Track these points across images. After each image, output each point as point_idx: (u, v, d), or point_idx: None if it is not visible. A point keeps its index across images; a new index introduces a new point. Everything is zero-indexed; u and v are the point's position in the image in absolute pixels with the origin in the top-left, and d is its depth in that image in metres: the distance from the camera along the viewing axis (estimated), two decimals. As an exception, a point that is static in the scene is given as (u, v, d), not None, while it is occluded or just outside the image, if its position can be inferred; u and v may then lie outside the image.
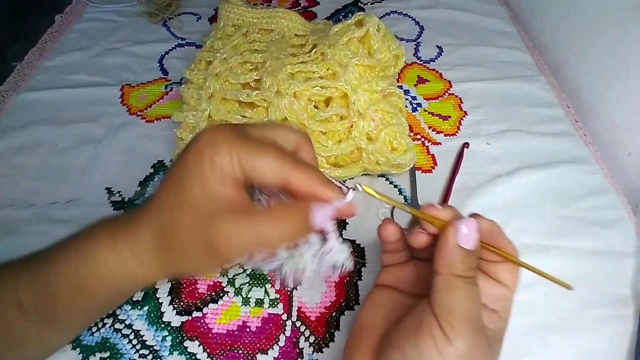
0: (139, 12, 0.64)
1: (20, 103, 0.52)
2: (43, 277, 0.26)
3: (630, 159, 0.46)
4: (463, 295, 0.24)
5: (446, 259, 0.25)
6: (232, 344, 0.34)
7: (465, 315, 0.23)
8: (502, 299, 0.26)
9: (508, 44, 0.59)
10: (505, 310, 0.27)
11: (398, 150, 0.41)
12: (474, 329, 0.23)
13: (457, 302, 0.24)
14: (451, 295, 0.24)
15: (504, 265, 0.26)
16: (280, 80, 0.40)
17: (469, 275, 0.24)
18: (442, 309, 0.24)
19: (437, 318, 0.24)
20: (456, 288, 0.24)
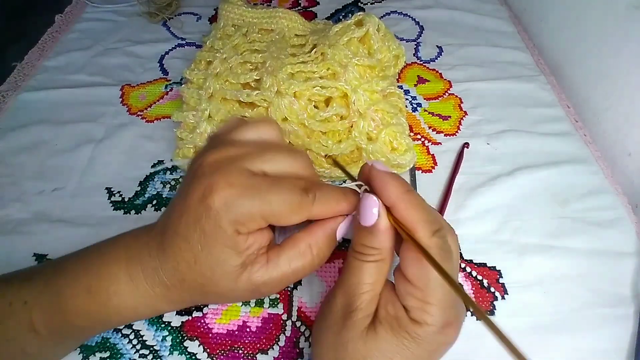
0: (139, 12, 0.64)
1: (20, 103, 0.52)
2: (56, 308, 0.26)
3: (630, 159, 0.46)
4: (346, 267, 0.25)
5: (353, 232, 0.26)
6: (232, 344, 0.34)
7: (342, 284, 0.25)
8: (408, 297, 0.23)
9: (508, 44, 0.59)
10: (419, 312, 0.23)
11: (398, 150, 0.41)
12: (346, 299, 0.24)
13: (346, 274, 0.25)
14: (345, 266, 0.25)
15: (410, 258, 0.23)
16: (280, 80, 0.40)
17: (359, 250, 0.25)
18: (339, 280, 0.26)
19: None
20: (347, 262, 0.25)
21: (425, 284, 0.23)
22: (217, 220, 0.24)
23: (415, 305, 0.23)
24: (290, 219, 0.25)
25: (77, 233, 0.39)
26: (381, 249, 0.24)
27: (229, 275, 0.25)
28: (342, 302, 0.25)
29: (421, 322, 0.23)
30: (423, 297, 0.23)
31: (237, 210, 0.24)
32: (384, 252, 0.25)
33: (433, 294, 0.23)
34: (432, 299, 0.23)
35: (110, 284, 0.26)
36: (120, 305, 0.26)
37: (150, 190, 0.43)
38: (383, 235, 0.24)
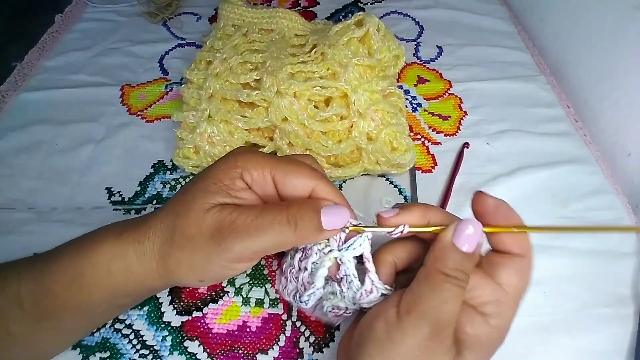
0: (139, 12, 0.64)
1: (20, 103, 0.52)
2: (44, 275, 0.26)
3: (630, 159, 0.46)
4: (438, 292, 0.23)
5: (436, 253, 0.24)
6: (232, 344, 0.34)
7: (431, 312, 0.22)
8: (494, 303, 0.24)
9: (508, 44, 0.59)
10: (498, 316, 0.24)
11: (398, 150, 0.41)
12: (434, 326, 0.22)
13: (428, 295, 0.23)
14: (426, 286, 0.23)
15: (506, 264, 0.25)
16: (280, 80, 0.40)
17: (455, 276, 0.23)
18: (410, 296, 0.23)
19: (400, 303, 0.23)
20: (434, 282, 0.23)
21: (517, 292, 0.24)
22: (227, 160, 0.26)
23: (499, 308, 0.24)
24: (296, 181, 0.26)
25: (77, 233, 0.39)
26: (469, 274, 0.24)
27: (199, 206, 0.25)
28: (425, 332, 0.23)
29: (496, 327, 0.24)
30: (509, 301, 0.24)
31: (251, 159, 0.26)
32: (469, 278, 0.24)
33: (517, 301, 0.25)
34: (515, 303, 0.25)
35: (94, 240, 0.27)
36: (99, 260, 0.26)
37: (150, 190, 0.43)
38: (473, 261, 0.24)
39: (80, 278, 0.26)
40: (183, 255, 0.26)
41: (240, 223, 0.24)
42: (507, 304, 0.24)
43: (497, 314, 0.24)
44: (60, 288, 0.26)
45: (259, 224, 0.24)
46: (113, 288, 0.27)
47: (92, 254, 0.26)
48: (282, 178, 0.26)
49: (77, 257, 0.26)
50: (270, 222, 0.25)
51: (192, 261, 0.26)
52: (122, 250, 0.26)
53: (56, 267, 0.26)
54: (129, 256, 0.26)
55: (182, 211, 0.26)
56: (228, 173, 0.26)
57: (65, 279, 0.26)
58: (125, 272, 0.26)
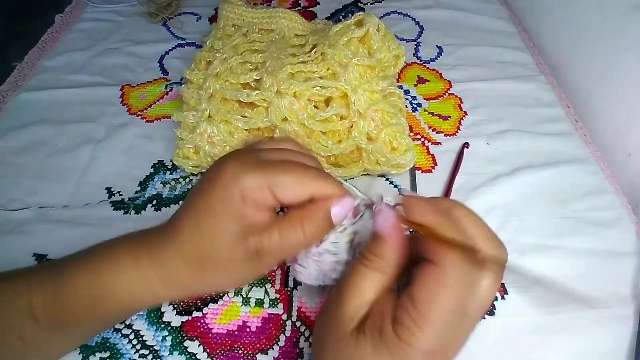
0: (139, 12, 0.64)
1: (20, 103, 0.52)
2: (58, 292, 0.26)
3: (630, 159, 0.46)
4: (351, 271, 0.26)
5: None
6: (232, 344, 0.34)
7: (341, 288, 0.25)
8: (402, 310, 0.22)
9: (508, 44, 0.59)
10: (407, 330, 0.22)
11: (398, 150, 0.41)
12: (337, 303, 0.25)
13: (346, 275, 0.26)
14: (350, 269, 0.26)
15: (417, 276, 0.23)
16: (280, 80, 0.40)
17: (364, 256, 0.25)
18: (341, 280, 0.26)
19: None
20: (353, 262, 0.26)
21: (426, 308, 0.22)
22: (226, 188, 0.25)
23: (407, 323, 0.22)
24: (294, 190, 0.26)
25: (77, 233, 0.39)
26: (384, 260, 0.25)
27: (228, 241, 0.25)
28: (334, 302, 0.25)
29: (405, 341, 0.22)
30: (418, 319, 0.22)
31: (246, 180, 0.25)
32: (386, 264, 0.25)
33: (429, 320, 0.22)
34: (425, 324, 0.21)
35: (112, 266, 0.26)
36: (120, 287, 0.26)
37: (150, 190, 0.43)
38: (389, 246, 0.25)
39: (99, 301, 0.27)
40: (218, 279, 0.27)
41: (267, 247, 0.26)
42: (414, 319, 0.22)
43: (402, 325, 0.22)
44: (76, 306, 0.26)
45: (284, 245, 0.26)
46: (131, 305, 0.28)
47: (110, 284, 0.26)
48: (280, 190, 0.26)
49: (93, 283, 0.26)
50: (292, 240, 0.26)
51: (228, 281, 0.28)
52: (143, 278, 0.26)
53: (71, 286, 0.26)
54: (152, 284, 0.26)
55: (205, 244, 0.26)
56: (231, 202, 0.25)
57: (82, 301, 0.26)
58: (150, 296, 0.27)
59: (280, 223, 0.26)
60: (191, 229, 0.26)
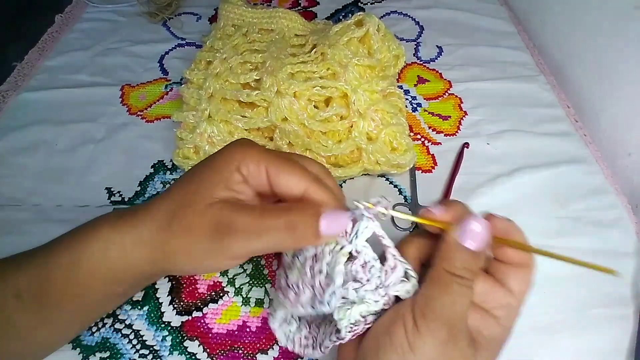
0: (139, 12, 0.64)
1: (20, 103, 0.52)
2: (42, 265, 0.27)
3: (630, 159, 0.46)
4: (447, 292, 0.23)
5: (442, 253, 0.24)
6: (232, 344, 0.34)
7: (443, 312, 0.23)
8: (505, 307, 0.25)
9: (508, 44, 0.59)
10: (507, 318, 0.25)
11: (398, 150, 0.41)
12: (449, 327, 0.23)
13: (439, 296, 0.23)
14: (436, 288, 0.23)
15: (516, 272, 0.25)
16: (280, 80, 0.40)
17: (462, 275, 0.23)
18: (422, 299, 0.23)
19: (414, 307, 0.23)
20: (443, 283, 0.23)
21: (522, 295, 0.25)
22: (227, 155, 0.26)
23: (510, 313, 0.25)
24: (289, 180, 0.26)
25: (77, 233, 0.39)
26: (477, 272, 0.24)
27: (202, 201, 0.25)
28: (442, 334, 0.23)
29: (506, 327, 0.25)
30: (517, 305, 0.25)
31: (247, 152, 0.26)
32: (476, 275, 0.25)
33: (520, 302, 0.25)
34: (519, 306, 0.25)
35: (90, 231, 0.27)
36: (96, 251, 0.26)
37: (150, 190, 0.43)
38: (481, 258, 0.25)
39: (77, 265, 0.26)
40: (180, 244, 0.26)
41: (240, 223, 0.25)
42: (515, 308, 0.25)
43: (506, 317, 0.25)
44: (57, 277, 0.26)
45: (258, 226, 0.25)
46: (109, 274, 0.27)
47: (88, 242, 0.26)
48: (276, 175, 0.26)
49: (74, 245, 0.27)
50: (269, 226, 0.25)
51: (189, 251, 0.26)
52: (118, 235, 0.26)
53: (53, 257, 0.27)
54: (125, 241, 0.26)
55: (185, 201, 0.26)
56: (227, 165, 0.26)
57: (63, 268, 0.26)
58: (120, 257, 0.26)
59: (263, 206, 0.26)
60: (177, 189, 0.27)
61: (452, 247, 0.24)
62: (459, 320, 0.23)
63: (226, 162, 0.26)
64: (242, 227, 0.24)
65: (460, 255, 0.24)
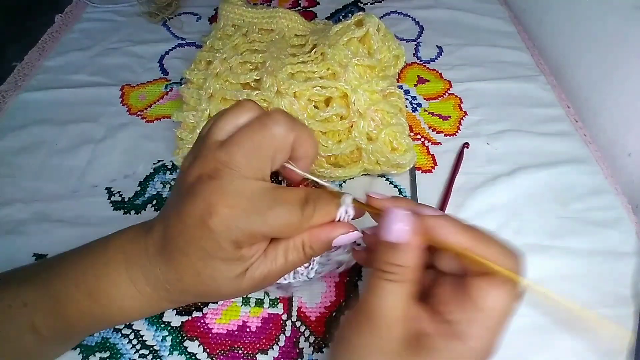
0: (139, 12, 0.64)
1: (20, 103, 0.52)
2: (58, 308, 0.26)
3: (630, 159, 0.46)
4: (371, 286, 0.23)
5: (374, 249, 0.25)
6: (232, 344, 0.34)
7: (368, 307, 0.23)
8: (466, 322, 0.22)
9: (508, 44, 0.59)
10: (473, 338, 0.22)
11: (398, 150, 0.41)
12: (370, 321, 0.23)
13: (366, 290, 0.24)
14: (367, 284, 0.24)
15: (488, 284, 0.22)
16: (280, 80, 0.40)
17: (386, 269, 0.23)
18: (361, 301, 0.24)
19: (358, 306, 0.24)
20: (372, 279, 0.23)
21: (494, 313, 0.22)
22: (218, 240, 0.23)
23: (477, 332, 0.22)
24: (291, 235, 0.26)
25: (77, 233, 0.39)
26: (407, 267, 0.23)
27: (231, 281, 0.25)
28: (366, 328, 0.23)
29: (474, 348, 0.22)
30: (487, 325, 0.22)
31: (238, 231, 0.23)
32: (411, 270, 0.23)
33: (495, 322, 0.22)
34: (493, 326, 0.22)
35: (111, 287, 0.26)
36: (123, 306, 0.26)
37: (150, 190, 0.43)
38: (410, 252, 0.23)
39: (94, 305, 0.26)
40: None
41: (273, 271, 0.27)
42: (486, 327, 0.22)
43: (471, 335, 0.22)
44: (73, 313, 0.27)
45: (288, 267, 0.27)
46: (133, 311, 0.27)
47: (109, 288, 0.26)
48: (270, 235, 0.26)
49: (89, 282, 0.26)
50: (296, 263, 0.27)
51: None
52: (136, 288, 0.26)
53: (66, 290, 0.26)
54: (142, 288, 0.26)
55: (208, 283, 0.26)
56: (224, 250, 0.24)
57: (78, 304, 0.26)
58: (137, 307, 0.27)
59: (284, 245, 0.26)
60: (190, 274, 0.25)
61: (378, 243, 0.24)
62: (384, 315, 0.23)
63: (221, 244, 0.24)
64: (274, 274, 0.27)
65: (381, 249, 0.23)
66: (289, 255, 0.26)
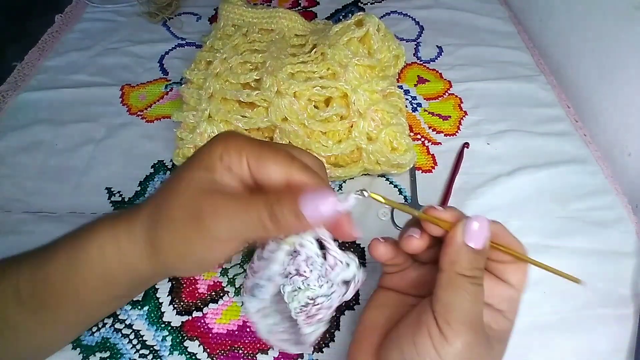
0: (139, 12, 0.64)
1: (20, 103, 0.52)
2: (41, 265, 0.27)
3: (630, 159, 0.46)
4: (464, 294, 0.23)
5: (451, 257, 0.24)
6: (232, 344, 0.34)
7: (464, 315, 0.23)
8: (508, 300, 0.26)
9: (508, 44, 0.59)
10: (512, 311, 0.26)
11: (398, 150, 0.41)
12: (473, 329, 0.23)
13: (457, 300, 0.23)
14: (452, 293, 0.24)
15: (512, 266, 0.26)
16: (280, 80, 0.40)
17: (473, 274, 0.24)
18: (441, 307, 0.24)
19: (435, 315, 0.23)
20: (458, 286, 0.24)
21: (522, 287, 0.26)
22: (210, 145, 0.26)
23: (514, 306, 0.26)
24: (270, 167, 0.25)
25: (77, 233, 0.39)
26: (483, 269, 0.25)
27: (186, 189, 0.25)
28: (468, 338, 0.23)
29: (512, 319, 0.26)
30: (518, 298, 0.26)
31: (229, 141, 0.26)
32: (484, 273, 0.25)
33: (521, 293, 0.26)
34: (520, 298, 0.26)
35: (90, 231, 0.27)
36: (94, 251, 0.26)
37: (150, 190, 0.43)
38: (486, 256, 0.25)
39: (75, 266, 0.26)
40: (165, 235, 0.26)
41: (220, 205, 0.25)
42: (516, 300, 0.26)
43: (510, 309, 0.26)
44: (56, 277, 0.26)
45: (238, 207, 0.25)
46: (107, 274, 0.27)
47: (86, 242, 0.27)
48: (256, 163, 0.25)
49: (72, 245, 0.27)
50: (249, 207, 0.24)
51: (173, 240, 0.26)
52: (113, 235, 0.26)
53: (53, 257, 0.27)
54: (120, 240, 0.26)
55: (168, 194, 0.26)
56: (210, 155, 0.26)
57: (61, 268, 0.26)
58: (116, 255, 0.26)
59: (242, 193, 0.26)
60: (163, 184, 0.27)
61: (459, 250, 0.24)
62: (480, 320, 0.24)
63: (209, 152, 0.26)
64: (223, 209, 0.24)
65: (468, 256, 0.24)
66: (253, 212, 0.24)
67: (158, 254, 0.26)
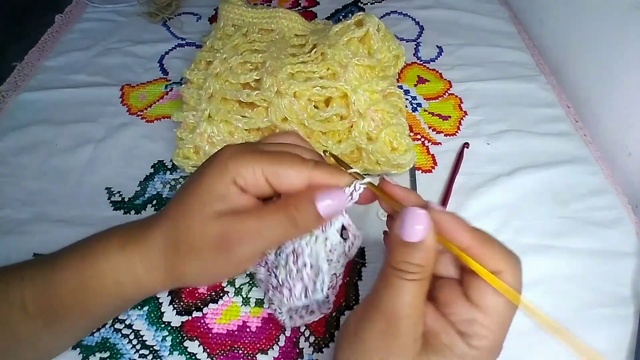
0: (139, 12, 0.64)
1: (20, 103, 0.52)
2: (49, 280, 0.26)
3: (630, 159, 0.46)
4: (387, 285, 0.23)
5: (388, 246, 0.24)
6: (232, 344, 0.34)
7: (382, 304, 0.23)
8: (470, 323, 0.22)
9: (508, 44, 0.59)
10: (477, 338, 0.22)
11: (398, 150, 0.41)
12: (388, 320, 0.22)
13: (382, 289, 0.23)
14: (382, 284, 0.23)
15: (479, 284, 0.22)
16: (280, 80, 0.40)
17: (402, 269, 0.22)
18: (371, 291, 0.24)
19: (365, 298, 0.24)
20: (385, 277, 0.23)
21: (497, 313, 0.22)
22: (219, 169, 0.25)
23: (479, 331, 0.22)
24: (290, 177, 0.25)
25: (77, 233, 0.39)
26: (426, 266, 0.23)
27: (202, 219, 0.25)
28: (381, 326, 0.23)
29: (477, 348, 0.22)
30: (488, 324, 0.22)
31: (240, 163, 0.25)
32: (428, 269, 0.23)
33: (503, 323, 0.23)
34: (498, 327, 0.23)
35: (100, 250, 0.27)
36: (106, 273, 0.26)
37: (150, 190, 0.43)
38: (427, 251, 0.23)
39: (86, 288, 0.26)
40: (191, 265, 0.26)
41: (243, 229, 0.25)
42: (487, 326, 0.22)
43: (476, 335, 0.22)
44: (65, 295, 0.26)
45: (260, 226, 0.25)
46: (120, 296, 0.27)
47: (98, 267, 0.26)
48: (276, 176, 0.25)
49: (82, 268, 0.26)
50: (270, 223, 0.25)
51: (201, 269, 0.26)
52: (128, 262, 0.26)
53: (60, 276, 0.26)
54: (136, 268, 0.26)
55: (182, 224, 0.26)
56: (221, 180, 0.25)
57: (71, 288, 0.26)
58: (133, 282, 0.27)
59: (260, 208, 0.26)
60: (175, 211, 0.26)
61: (393, 242, 0.24)
62: (402, 314, 0.22)
63: (220, 176, 0.25)
64: (245, 232, 0.25)
65: (400, 249, 0.23)
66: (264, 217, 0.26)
67: (179, 280, 0.27)
